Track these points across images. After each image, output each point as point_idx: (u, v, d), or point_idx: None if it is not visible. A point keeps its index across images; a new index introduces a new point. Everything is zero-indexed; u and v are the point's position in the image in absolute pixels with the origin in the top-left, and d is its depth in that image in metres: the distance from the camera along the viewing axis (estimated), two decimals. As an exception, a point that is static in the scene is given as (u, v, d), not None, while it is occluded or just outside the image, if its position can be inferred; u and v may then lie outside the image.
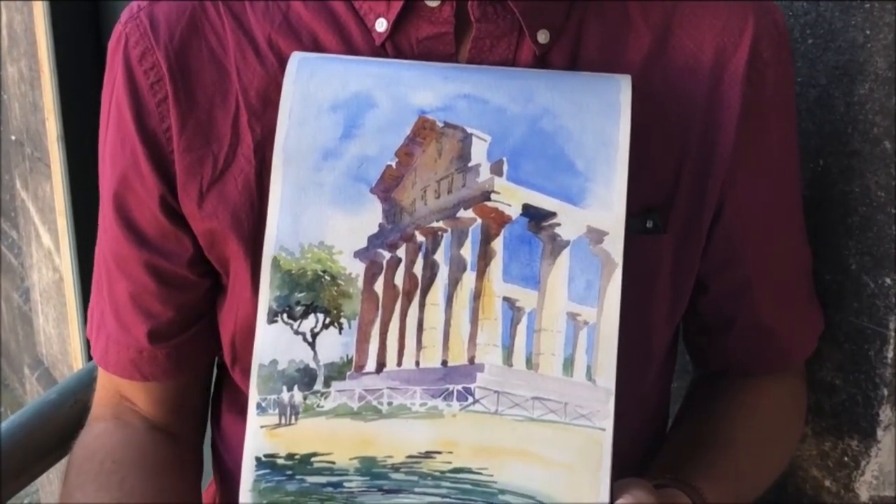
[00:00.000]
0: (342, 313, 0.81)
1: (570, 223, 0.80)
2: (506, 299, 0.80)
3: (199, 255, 0.92)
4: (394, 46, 0.87)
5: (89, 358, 1.07)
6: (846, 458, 1.10)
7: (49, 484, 2.73)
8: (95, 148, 0.96)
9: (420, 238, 0.81)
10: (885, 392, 1.06)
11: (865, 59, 1.01)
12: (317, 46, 0.88)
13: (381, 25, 0.87)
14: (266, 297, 0.81)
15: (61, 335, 2.75)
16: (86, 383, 1.20)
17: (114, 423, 0.99)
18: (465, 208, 0.81)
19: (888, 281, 1.03)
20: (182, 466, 1.00)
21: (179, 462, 1.00)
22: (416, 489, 0.78)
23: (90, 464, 0.95)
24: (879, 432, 1.07)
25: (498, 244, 0.80)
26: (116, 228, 0.93)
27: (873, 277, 1.04)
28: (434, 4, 0.86)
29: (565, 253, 0.80)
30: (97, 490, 0.92)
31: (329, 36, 0.88)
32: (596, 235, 0.80)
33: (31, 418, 1.22)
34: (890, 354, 1.05)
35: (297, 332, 0.81)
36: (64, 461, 1.17)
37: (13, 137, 2.85)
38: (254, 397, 0.80)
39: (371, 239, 0.81)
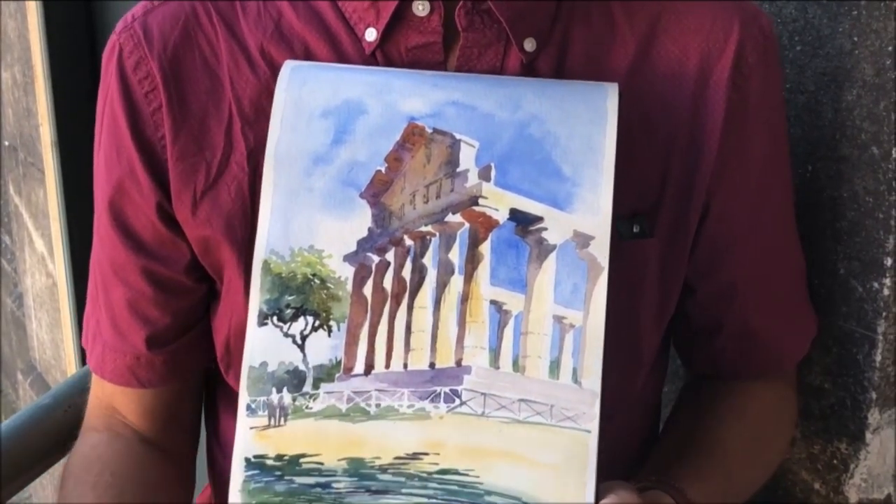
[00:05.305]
0: (331, 316, 0.81)
1: (556, 227, 0.80)
2: (493, 302, 0.80)
3: (195, 261, 0.93)
4: (383, 55, 0.88)
5: (83, 363, 1.07)
6: (835, 461, 1.11)
7: (42, 489, 2.73)
8: (89, 153, 0.96)
9: (409, 242, 0.82)
10: (874, 395, 1.06)
11: (853, 65, 1.02)
12: (308, 55, 0.88)
13: (371, 35, 0.87)
14: (256, 299, 0.82)
15: (54, 340, 2.75)
16: (79, 388, 1.20)
17: (108, 435, 0.99)
18: (454, 213, 0.81)
19: (876, 285, 1.03)
20: (175, 483, 1.00)
21: (172, 478, 1.00)
22: (404, 490, 0.78)
23: (88, 474, 0.96)
24: (868, 435, 1.08)
25: (485, 248, 0.81)
26: (113, 235, 0.93)
27: (861, 282, 1.05)
28: (423, 14, 0.86)
29: (552, 257, 0.80)
30: (96, 500, 0.93)
31: (320, 45, 0.88)
32: (582, 240, 0.80)
33: (25, 423, 1.22)
34: (878, 358, 1.05)
35: (286, 335, 0.81)
36: (57, 466, 1.17)
37: (6, 143, 2.86)
38: (244, 399, 0.81)
39: (360, 243, 0.82)
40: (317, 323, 0.81)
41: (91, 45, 2.41)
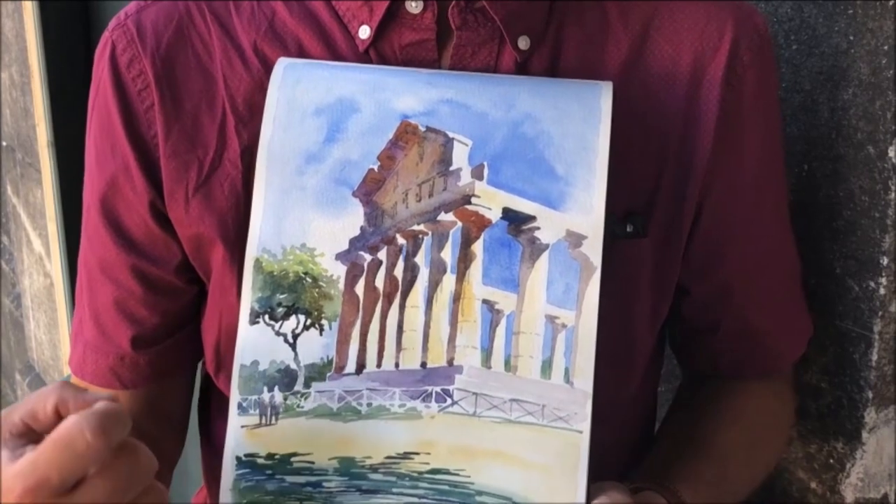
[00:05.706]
0: (323, 315, 0.81)
1: (549, 227, 0.80)
2: (485, 302, 0.80)
3: (186, 262, 0.92)
4: (377, 53, 0.88)
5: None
6: (832, 461, 1.11)
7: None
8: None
9: (401, 241, 0.82)
10: (870, 395, 1.06)
11: (849, 64, 1.02)
12: (302, 53, 0.88)
13: (365, 32, 0.87)
14: (248, 298, 0.82)
15: (52, 341, 2.75)
16: (74, 388, 1.20)
17: None
18: (446, 211, 0.81)
19: (872, 284, 1.03)
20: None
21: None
22: (394, 490, 0.78)
23: None
24: (864, 434, 1.07)
25: (478, 247, 0.80)
26: (103, 232, 0.93)
27: (858, 281, 1.04)
28: (416, 12, 0.86)
29: (544, 256, 0.80)
30: None
31: (314, 43, 0.88)
32: (575, 239, 0.80)
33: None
34: (874, 357, 1.05)
35: (278, 333, 0.81)
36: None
37: (4, 143, 2.86)
38: (235, 397, 0.81)
39: (352, 241, 0.81)
40: (308, 322, 0.81)
41: (87, 45, 2.42)
